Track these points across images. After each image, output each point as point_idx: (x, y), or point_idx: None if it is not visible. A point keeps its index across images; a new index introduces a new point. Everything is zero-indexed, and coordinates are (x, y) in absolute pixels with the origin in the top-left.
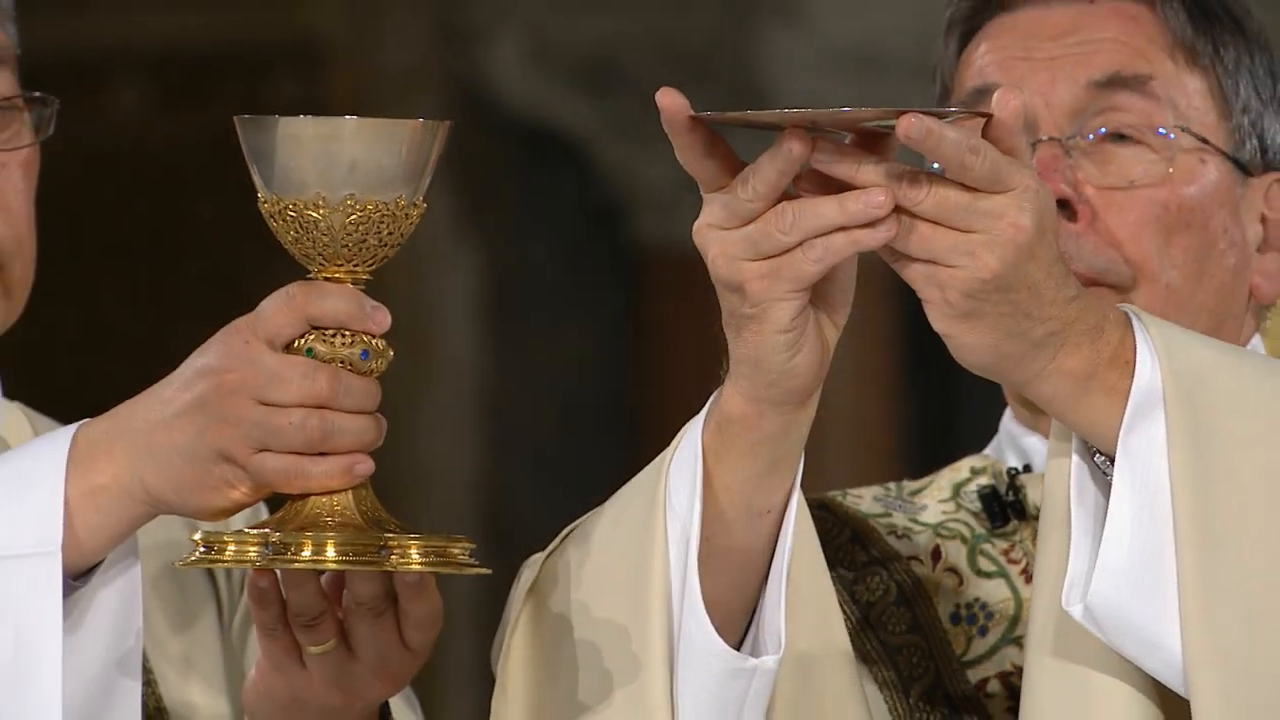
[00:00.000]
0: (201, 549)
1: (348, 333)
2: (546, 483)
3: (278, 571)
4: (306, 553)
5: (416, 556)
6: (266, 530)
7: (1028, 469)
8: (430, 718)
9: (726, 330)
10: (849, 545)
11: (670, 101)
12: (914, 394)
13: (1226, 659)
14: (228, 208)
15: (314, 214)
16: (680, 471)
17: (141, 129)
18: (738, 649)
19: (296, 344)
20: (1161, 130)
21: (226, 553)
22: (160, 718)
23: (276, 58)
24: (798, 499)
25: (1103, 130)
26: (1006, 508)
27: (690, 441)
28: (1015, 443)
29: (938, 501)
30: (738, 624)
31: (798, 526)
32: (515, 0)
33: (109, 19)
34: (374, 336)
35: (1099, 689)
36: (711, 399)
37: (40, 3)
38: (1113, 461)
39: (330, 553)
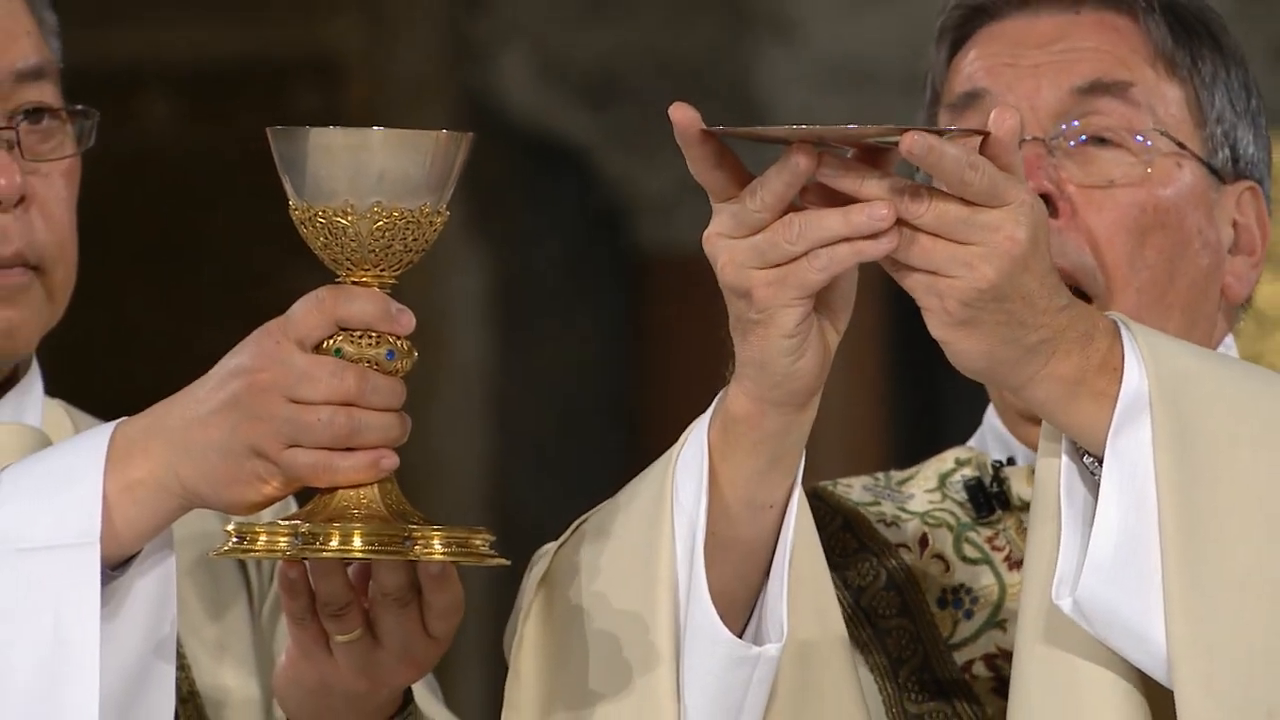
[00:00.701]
0: (234, 539)
1: (374, 334)
2: (548, 481)
3: (307, 562)
4: (334, 543)
5: (439, 547)
6: (296, 522)
7: (1011, 461)
8: (445, 699)
9: (733, 334)
10: (840, 533)
11: (683, 116)
12: (902, 396)
13: (1209, 651)
14: (250, 214)
15: (342, 221)
16: (687, 468)
17: (168, 139)
18: (740, 637)
19: (325, 345)
20: (1140, 134)
21: (258, 543)
22: (194, 700)
23: (296, 70)
24: (799, 494)
25: (1084, 137)
26: (991, 498)
27: (696, 439)
28: (998, 436)
29: (924, 491)
30: (741, 613)
31: (799, 521)
32: (522, 17)
33: (138, 34)
34: (399, 338)
35: (1086, 679)
36: (717, 399)
37: (73, 18)
38: (1101, 462)
39: (357, 543)
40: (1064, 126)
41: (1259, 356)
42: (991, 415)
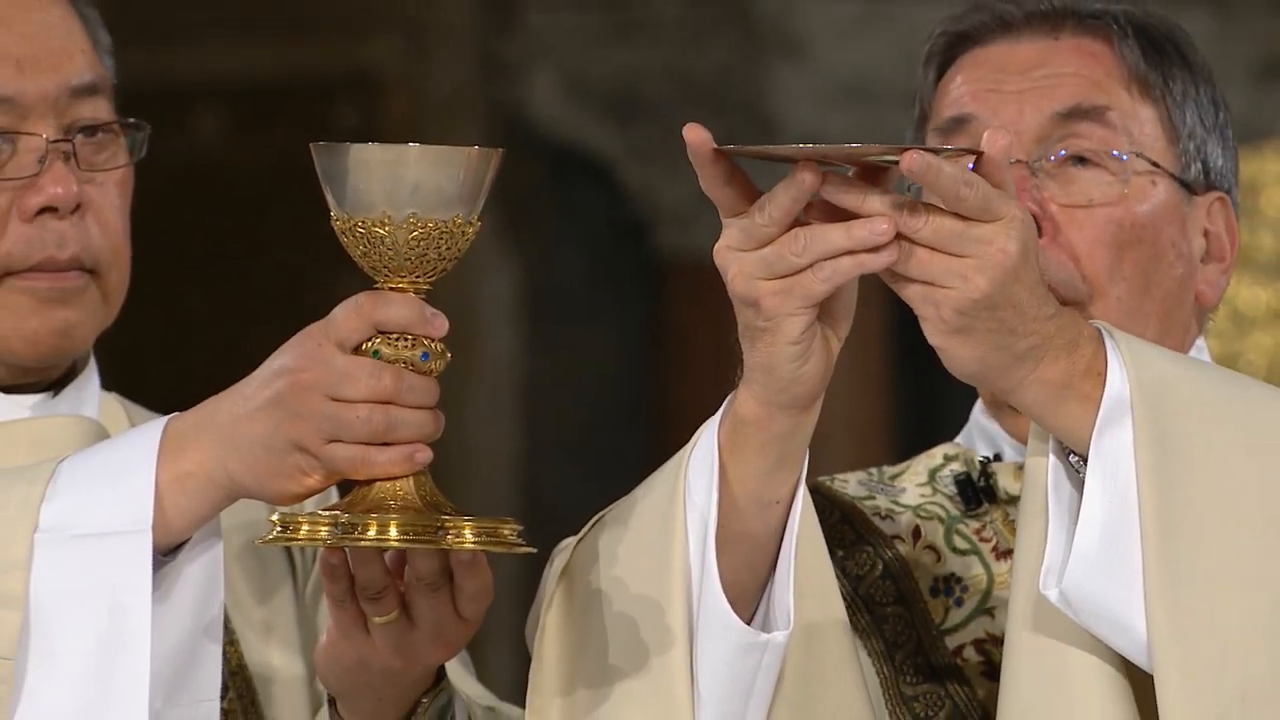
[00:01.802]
0: (279, 529)
1: (410, 337)
2: (573, 475)
3: (346, 549)
4: (372, 533)
5: (470, 536)
6: (336, 512)
7: (998, 457)
8: (477, 674)
9: (742, 341)
10: (839, 525)
11: (696, 136)
12: (905, 398)
13: (1186, 639)
14: (295, 222)
15: (380, 231)
16: (698, 467)
17: (218, 151)
18: (749, 624)
19: (364, 346)
20: (1116, 153)
21: (301, 532)
22: (242, 673)
23: (338, 88)
24: (803, 491)
25: (1064, 153)
26: (979, 492)
27: (707, 440)
28: (985, 432)
29: (915, 485)
30: (750, 602)
31: (803, 516)
32: (549, 37)
33: (190, 54)
34: (433, 340)
35: (1073, 664)
36: (726, 402)
37: (129, 39)
38: (1086, 461)
39: (393, 532)
40: (1046, 152)
41: (1237, 355)
42: (978, 413)
